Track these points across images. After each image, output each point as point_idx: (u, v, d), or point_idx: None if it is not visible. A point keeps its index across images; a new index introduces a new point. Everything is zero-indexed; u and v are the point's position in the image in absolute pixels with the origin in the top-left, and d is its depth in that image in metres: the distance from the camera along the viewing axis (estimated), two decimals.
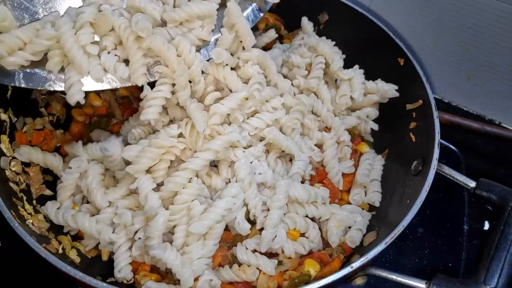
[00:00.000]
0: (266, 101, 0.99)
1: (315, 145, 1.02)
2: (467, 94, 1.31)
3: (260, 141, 0.95)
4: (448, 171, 0.88)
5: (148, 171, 0.90)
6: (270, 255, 0.89)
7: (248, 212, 0.89)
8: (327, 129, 1.06)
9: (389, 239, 0.76)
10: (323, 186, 0.98)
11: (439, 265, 1.10)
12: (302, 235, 0.92)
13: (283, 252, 0.89)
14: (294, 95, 1.03)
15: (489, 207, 0.87)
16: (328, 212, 0.92)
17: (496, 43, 1.15)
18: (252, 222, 0.90)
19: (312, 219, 0.93)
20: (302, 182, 0.96)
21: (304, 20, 1.18)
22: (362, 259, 0.73)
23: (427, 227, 1.15)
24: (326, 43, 1.08)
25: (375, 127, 1.09)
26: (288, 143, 0.95)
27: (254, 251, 0.88)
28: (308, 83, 1.04)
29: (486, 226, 1.18)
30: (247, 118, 0.95)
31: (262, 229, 0.88)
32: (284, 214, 0.90)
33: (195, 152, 0.91)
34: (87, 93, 1.02)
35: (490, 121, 1.31)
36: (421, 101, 1.00)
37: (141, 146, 0.90)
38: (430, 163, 0.86)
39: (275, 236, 0.86)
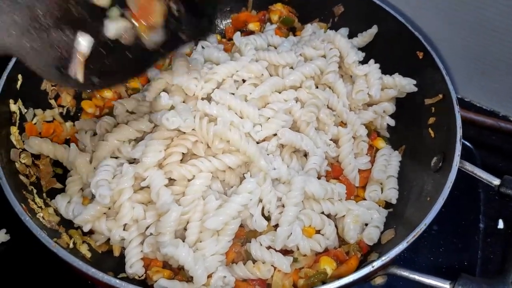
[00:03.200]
0: (279, 93, 0.97)
1: (331, 140, 0.99)
2: (481, 90, 1.28)
3: (274, 135, 0.93)
4: (470, 167, 0.86)
5: (160, 166, 0.88)
6: (285, 252, 0.87)
7: (262, 208, 0.87)
8: (343, 124, 1.04)
9: (410, 238, 0.73)
10: (339, 182, 0.96)
11: (454, 264, 1.07)
12: (318, 232, 0.90)
13: (298, 249, 0.87)
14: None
15: None
16: (344, 209, 0.90)
17: (510, 36, 1.12)
18: (267, 218, 0.88)
19: (328, 216, 0.91)
20: (318, 178, 0.93)
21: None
22: (383, 258, 0.71)
23: (443, 225, 1.12)
24: (343, 36, 1.06)
25: (392, 122, 1.07)
26: (303, 143, 0.92)
27: (269, 247, 0.86)
28: (325, 78, 1.01)
29: (501, 225, 1.15)
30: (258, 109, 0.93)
31: (276, 225, 0.86)
32: (300, 210, 0.88)
33: (207, 146, 0.89)
34: None
35: (504, 117, 1.28)
36: (441, 96, 0.97)
37: (145, 141, 0.89)
38: (451, 159, 0.83)
39: (290, 234, 0.84)
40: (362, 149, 1.01)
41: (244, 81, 0.98)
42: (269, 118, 0.93)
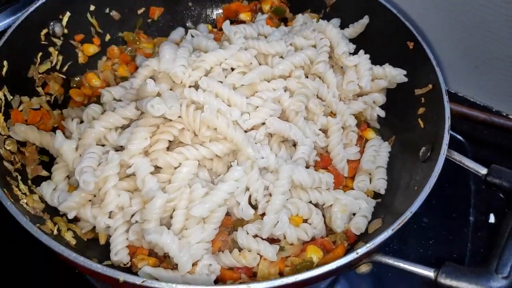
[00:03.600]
0: (268, 82, 0.97)
1: (320, 130, 0.99)
2: (474, 84, 1.27)
3: (263, 124, 0.92)
4: (458, 157, 0.85)
5: (146, 153, 0.87)
6: (272, 240, 0.87)
7: (249, 196, 0.87)
8: (332, 114, 1.03)
9: (396, 226, 0.73)
10: (327, 172, 0.95)
11: (444, 256, 1.07)
12: (305, 221, 0.89)
13: (285, 238, 0.86)
14: None
15: (501, 194, 0.84)
16: (332, 198, 0.89)
17: (504, 32, 1.11)
18: (254, 207, 0.87)
19: (315, 205, 0.91)
20: (307, 167, 0.93)
21: None
22: (368, 245, 0.70)
23: (432, 217, 1.12)
24: (334, 27, 1.05)
25: (382, 113, 1.06)
26: (291, 132, 0.92)
27: (255, 236, 0.85)
28: (315, 68, 1.00)
29: (492, 219, 1.15)
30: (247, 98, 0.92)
31: (263, 214, 0.86)
32: (287, 199, 0.87)
33: (194, 134, 0.88)
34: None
35: (497, 112, 1.27)
36: (430, 86, 0.96)
37: (131, 128, 0.88)
38: (439, 149, 0.83)
39: (277, 222, 0.83)
40: (351, 140, 1.00)
41: (232, 69, 0.97)
42: (257, 107, 0.93)
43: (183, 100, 0.87)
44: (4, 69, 0.93)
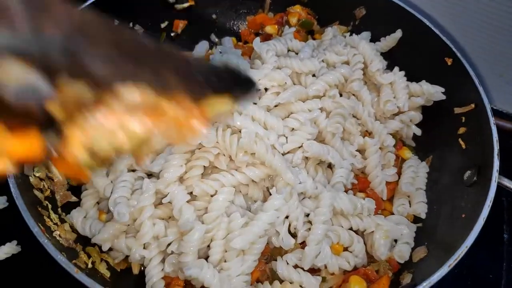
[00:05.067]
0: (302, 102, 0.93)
1: (357, 150, 0.95)
2: (500, 93, 1.23)
3: (299, 147, 0.89)
4: (508, 184, 0.82)
5: (181, 180, 0.84)
6: (312, 270, 0.83)
7: (289, 224, 0.83)
8: (367, 133, 1.00)
9: (452, 262, 0.70)
10: (365, 195, 0.92)
11: (479, 276, 1.04)
12: (346, 249, 0.86)
13: (325, 267, 0.83)
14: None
15: None
16: (373, 224, 0.86)
17: None
18: (293, 235, 0.84)
19: (356, 232, 0.88)
20: (345, 191, 0.90)
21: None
22: (424, 284, 0.67)
23: None
24: (367, 42, 1.02)
25: (419, 132, 1.03)
26: (329, 156, 0.89)
27: (296, 266, 0.82)
28: (350, 86, 0.97)
29: None
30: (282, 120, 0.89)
31: (303, 242, 0.83)
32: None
33: (229, 158, 0.85)
34: None
35: None
36: (473, 105, 0.93)
37: (165, 154, 0.85)
38: (489, 174, 0.79)
39: (319, 253, 0.80)
40: (389, 161, 0.97)
41: (266, 90, 0.94)
42: (293, 129, 0.89)
43: (219, 125, 0.84)
44: None
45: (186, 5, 1.18)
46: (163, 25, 1.18)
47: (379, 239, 0.85)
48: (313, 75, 0.98)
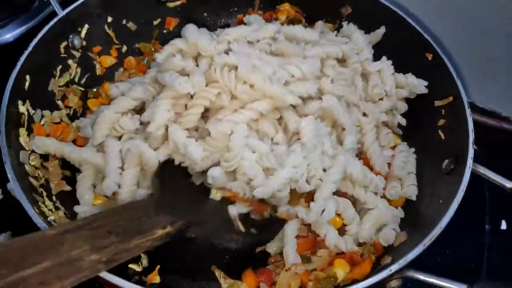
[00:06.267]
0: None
1: None
2: (482, 90, 1.27)
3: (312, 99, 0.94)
4: (483, 171, 0.86)
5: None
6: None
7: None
8: None
9: (427, 241, 0.73)
10: None
11: (461, 265, 1.07)
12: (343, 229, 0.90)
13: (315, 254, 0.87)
14: None
15: None
16: (374, 203, 0.90)
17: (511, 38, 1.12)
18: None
19: None
20: None
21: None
22: (400, 261, 0.71)
23: (448, 226, 1.12)
24: (362, 33, 1.08)
25: (403, 122, 1.06)
26: (343, 115, 0.92)
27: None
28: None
29: (504, 225, 1.15)
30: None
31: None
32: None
33: (232, 96, 0.89)
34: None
35: (506, 118, 1.28)
36: (451, 98, 0.97)
37: (154, 101, 0.90)
38: (464, 162, 0.83)
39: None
40: (389, 142, 1.01)
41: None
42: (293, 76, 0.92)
43: (216, 65, 0.88)
44: (27, 83, 0.93)
45: (178, 3, 1.21)
46: (155, 22, 1.21)
47: (367, 221, 0.89)
48: None
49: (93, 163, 0.91)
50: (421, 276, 0.73)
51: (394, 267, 0.70)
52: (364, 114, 1.01)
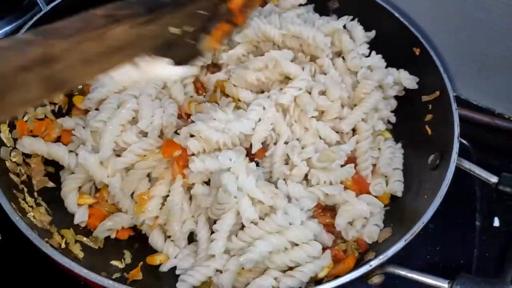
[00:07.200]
0: None
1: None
2: (477, 87, 1.27)
3: None
4: (468, 165, 0.85)
5: None
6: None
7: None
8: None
9: (409, 236, 0.73)
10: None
11: (451, 262, 1.06)
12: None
13: None
14: None
15: None
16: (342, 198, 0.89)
17: (507, 35, 1.11)
18: None
19: None
20: None
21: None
22: (381, 257, 0.70)
23: (438, 223, 1.11)
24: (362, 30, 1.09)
25: (393, 119, 1.05)
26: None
27: None
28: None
29: (496, 223, 1.14)
30: None
31: None
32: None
33: None
34: None
35: (500, 115, 1.27)
36: (438, 93, 0.96)
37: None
38: (449, 157, 0.83)
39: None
40: (378, 143, 1.00)
41: None
42: None
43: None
44: None
45: None
46: None
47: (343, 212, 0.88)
48: None
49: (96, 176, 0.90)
50: (402, 272, 0.72)
51: (374, 263, 0.69)
52: None
